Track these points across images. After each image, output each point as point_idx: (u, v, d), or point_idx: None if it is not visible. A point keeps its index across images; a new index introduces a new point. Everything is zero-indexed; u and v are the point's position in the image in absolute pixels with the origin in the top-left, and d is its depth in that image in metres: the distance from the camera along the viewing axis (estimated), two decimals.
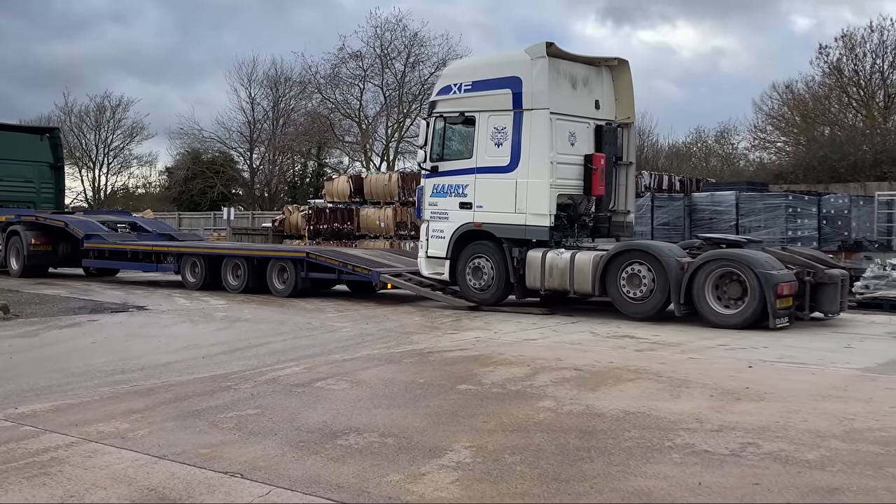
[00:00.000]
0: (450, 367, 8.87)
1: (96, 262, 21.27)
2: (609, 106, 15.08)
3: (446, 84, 15.11)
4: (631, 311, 12.93)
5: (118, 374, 8.35)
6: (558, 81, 14.10)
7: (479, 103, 14.36)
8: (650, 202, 19.92)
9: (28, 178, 24.71)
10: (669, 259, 12.60)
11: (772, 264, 12.04)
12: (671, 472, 5.11)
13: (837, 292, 12.48)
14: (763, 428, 6.13)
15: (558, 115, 13.99)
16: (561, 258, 13.60)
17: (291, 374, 8.34)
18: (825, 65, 42.54)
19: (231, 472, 5.10)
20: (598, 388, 7.60)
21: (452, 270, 14.73)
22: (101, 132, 62.69)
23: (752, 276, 11.81)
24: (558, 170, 13.99)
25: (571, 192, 14.35)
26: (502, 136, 14.10)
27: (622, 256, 13.07)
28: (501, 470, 5.17)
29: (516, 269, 13.99)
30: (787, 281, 11.89)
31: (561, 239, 14.21)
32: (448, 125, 14.80)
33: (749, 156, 49.53)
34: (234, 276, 17.48)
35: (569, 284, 13.51)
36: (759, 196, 20.45)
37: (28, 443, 5.77)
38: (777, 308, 11.68)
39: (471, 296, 14.57)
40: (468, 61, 15.72)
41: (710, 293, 12.22)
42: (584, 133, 14.57)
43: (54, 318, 13.21)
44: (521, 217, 13.95)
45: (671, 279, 12.46)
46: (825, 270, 12.53)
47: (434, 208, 14.96)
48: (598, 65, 15.11)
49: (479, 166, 14.38)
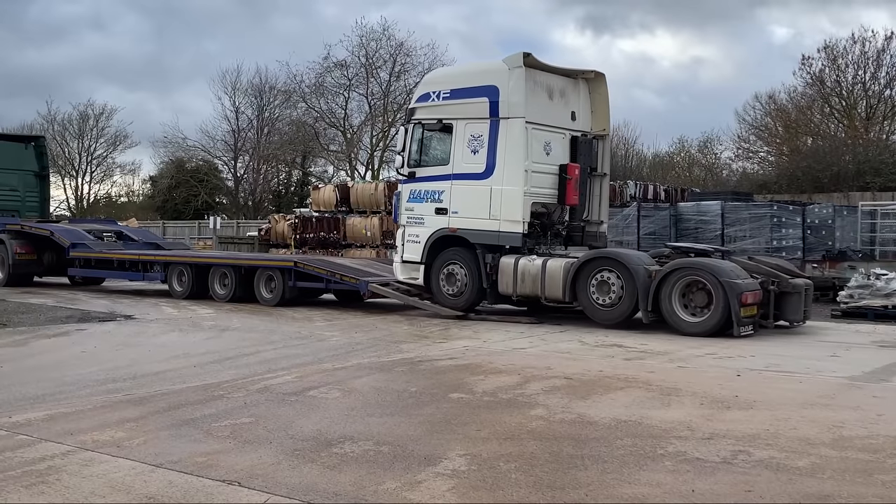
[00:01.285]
0: (441, 375, 8.91)
1: (82, 271, 21.20)
2: (585, 117, 15.32)
3: (425, 91, 15.31)
4: (600, 318, 13.14)
5: (110, 383, 8.35)
6: (535, 92, 14.31)
7: (457, 111, 14.58)
8: (636, 212, 20.05)
9: (13, 186, 24.58)
10: (638, 267, 12.80)
11: (737, 273, 12.24)
12: (665, 480, 5.17)
13: (801, 301, 12.78)
14: (753, 436, 6.20)
15: (534, 125, 14.22)
16: (533, 265, 13.79)
17: (284, 383, 8.36)
18: (808, 75, 42.99)
19: (228, 481, 5.13)
20: (589, 397, 7.66)
21: (427, 275, 14.92)
22: (84, 140, 62.47)
23: (717, 285, 12.01)
24: (533, 178, 14.23)
25: (545, 201, 14.60)
26: (478, 143, 14.30)
27: (592, 264, 13.28)
28: (497, 478, 5.22)
29: (489, 274, 14.19)
30: (752, 290, 12.11)
31: (534, 246, 14.42)
32: (426, 132, 14.98)
33: (732, 165, 49.96)
34: (222, 285, 17.48)
35: (540, 290, 13.71)
36: (744, 206, 20.64)
37: (24, 451, 5.78)
38: (741, 316, 11.88)
39: (444, 300, 14.75)
40: (447, 70, 16.02)
41: (677, 301, 12.45)
42: (560, 143, 14.81)
43: (42, 328, 13.17)
44: (496, 223, 14.14)
45: (639, 287, 12.65)
46: (789, 280, 12.80)
47: (410, 213, 15.14)
48: (576, 77, 15.35)
49: (456, 173, 14.60)
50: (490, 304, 14.56)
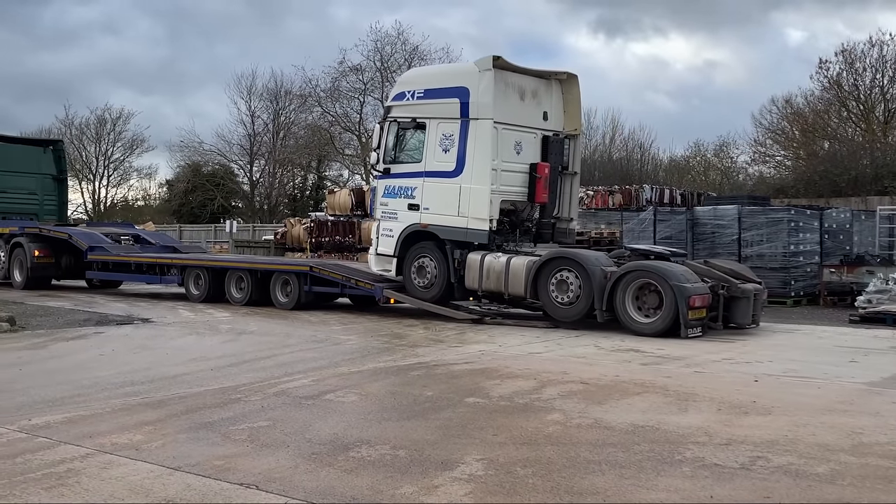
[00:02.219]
0: (457, 380, 8.91)
1: (100, 274, 21.30)
2: (557, 117, 15.75)
3: (401, 90, 15.73)
4: (559, 316, 13.63)
5: (128, 386, 8.39)
6: (506, 93, 14.73)
7: (430, 110, 15.02)
8: (652, 216, 19.97)
9: (31, 190, 24.80)
10: (594, 268, 13.22)
11: (687, 277, 12.66)
12: (683, 486, 5.15)
13: (750, 305, 13.20)
14: (772, 442, 6.17)
15: (504, 125, 14.66)
16: (498, 262, 14.26)
17: (300, 387, 8.38)
18: (825, 79, 42.75)
19: (246, 484, 5.14)
20: (606, 402, 7.64)
21: (399, 268, 15.40)
22: (101, 144, 62.87)
23: (667, 288, 12.43)
24: (502, 177, 14.73)
25: (515, 199, 15.12)
26: (450, 142, 14.73)
27: (552, 263, 13.73)
28: (514, 483, 5.21)
29: (457, 269, 14.68)
30: (701, 294, 12.53)
31: (503, 243, 14.88)
32: (401, 130, 15.43)
33: (748, 169, 49.73)
34: (238, 288, 17.54)
35: (504, 287, 14.19)
36: (761, 210, 20.52)
37: (44, 454, 5.81)
38: (689, 318, 12.30)
39: (414, 292, 15.21)
40: (423, 70, 16.41)
41: (630, 302, 12.87)
42: (531, 142, 15.26)
43: (60, 331, 13.25)
44: (464, 220, 14.59)
45: (595, 287, 13.08)
46: (738, 285, 13.18)
47: (385, 208, 15.62)
48: (549, 78, 15.75)
49: (428, 170, 15.01)
50: (457, 298, 14.93)
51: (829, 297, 19.52)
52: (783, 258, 19.65)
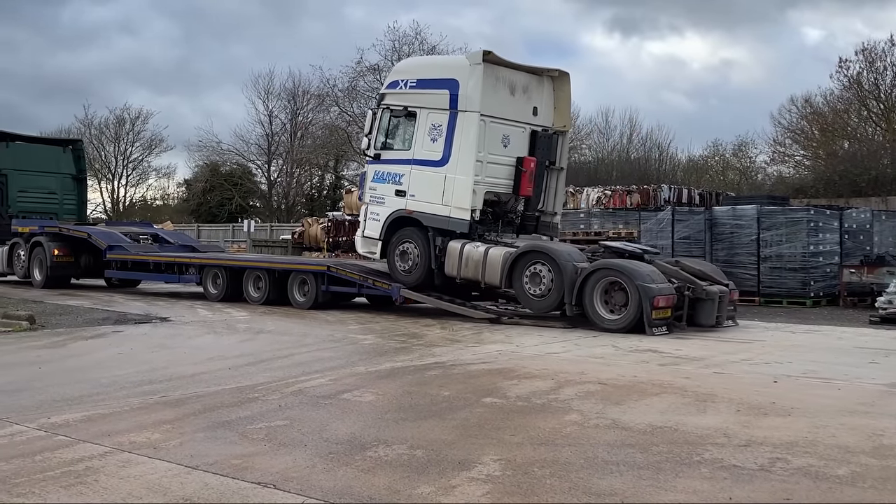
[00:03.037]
0: (474, 379, 8.89)
1: (119, 273, 21.42)
2: (547, 113, 16.14)
3: (395, 79, 16.14)
4: (531, 307, 14.16)
5: (146, 385, 8.42)
6: (496, 87, 15.12)
7: (422, 100, 15.42)
8: (671, 216, 19.88)
9: (51, 189, 24.99)
10: (567, 263, 13.67)
11: (653, 278, 13.03)
12: (701, 487, 5.12)
13: (714, 307, 13.54)
14: (791, 443, 6.12)
15: (492, 118, 15.10)
16: (476, 251, 14.71)
17: (318, 386, 8.39)
18: (845, 78, 42.45)
19: (264, 483, 5.15)
20: (624, 403, 7.61)
21: (384, 251, 15.90)
22: (120, 144, 63.26)
23: (632, 288, 12.85)
24: (488, 169, 15.22)
25: (500, 190, 15.55)
26: (438, 132, 15.12)
27: (527, 256, 14.18)
28: (532, 483, 5.19)
29: (438, 256, 15.10)
30: (665, 294, 12.92)
31: (484, 233, 15.33)
32: (393, 117, 15.83)
33: (767, 169, 49.45)
34: (256, 288, 17.60)
35: (481, 276, 14.66)
36: (780, 210, 20.38)
37: (62, 452, 5.84)
38: (652, 318, 12.70)
39: (397, 276, 15.68)
40: (417, 60, 16.86)
41: (599, 298, 13.30)
42: (520, 136, 15.70)
43: (79, 329, 13.33)
44: (447, 209, 15.02)
45: (566, 281, 13.53)
46: (704, 287, 13.55)
47: (373, 192, 16.04)
48: (541, 74, 16.14)
49: (416, 158, 15.43)
50: (437, 283, 15.38)
51: (849, 297, 19.38)
52: (802, 258, 19.52)
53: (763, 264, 19.86)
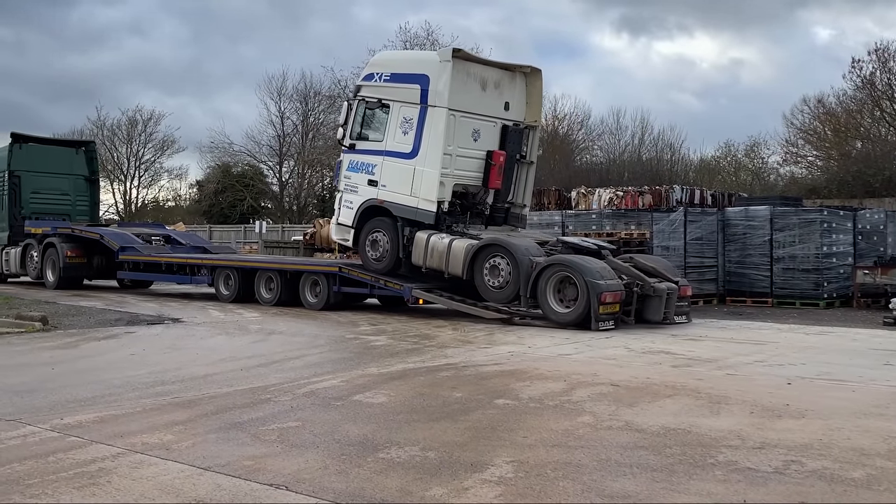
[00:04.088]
0: (486, 381, 8.87)
1: (131, 274, 21.50)
2: (519, 108, 16.60)
3: (371, 72, 16.54)
4: (490, 298, 14.65)
5: (158, 386, 8.44)
6: (467, 83, 15.57)
7: (395, 94, 15.86)
8: (683, 217, 19.80)
9: (64, 191, 25.10)
10: (523, 258, 14.24)
11: (602, 274, 13.57)
12: (715, 490, 5.09)
13: (661, 304, 14.10)
14: (806, 445, 6.09)
15: (462, 113, 15.54)
16: (441, 242, 15.26)
17: (329, 387, 8.38)
18: (858, 78, 42.20)
19: (276, 485, 5.14)
20: (637, 404, 7.57)
21: (356, 239, 16.42)
22: (132, 145, 63.35)
23: (582, 283, 13.40)
24: (457, 162, 15.67)
25: (468, 183, 16.03)
26: (409, 126, 15.62)
27: (487, 249, 14.77)
28: (544, 485, 5.17)
29: (406, 245, 15.65)
30: (613, 290, 13.49)
31: (453, 223, 15.79)
32: (368, 109, 16.29)
33: (780, 170, 49.20)
34: (267, 289, 17.63)
35: (445, 266, 15.17)
36: (793, 211, 20.27)
37: (75, 453, 5.85)
38: (599, 313, 13.25)
39: (367, 263, 16.28)
40: (392, 54, 17.34)
41: (552, 292, 13.85)
42: (490, 131, 16.16)
43: (92, 330, 13.37)
44: (415, 200, 15.53)
45: (522, 274, 14.12)
46: (652, 283, 14.11)
47: (348, 181, 16.55)
48: (514, 70, 16.62)
49: (388, 150, 15.93)
50: (404, 272, 15.88)
51: (863, 298, 19.27)
52: (816, 259, 19.41)
53: (776, 265, 19.76)
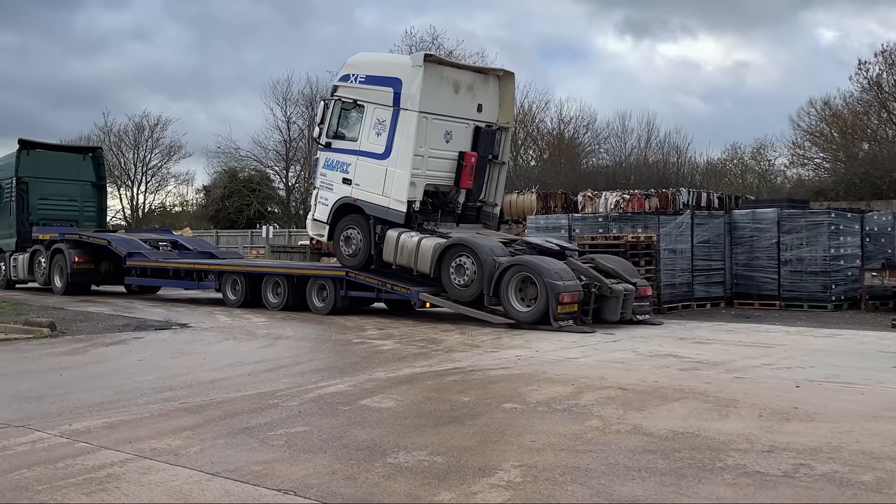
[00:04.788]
0: (493, 385, 8.86)
1: (138, 280, 21.55)
2: (492, 110, 17.02)
3: (347, 73, 16.88)
4: (455, 295, 15.09)
5: (167, 391, 8.45)
6: (439, 85, 15.97)
7: (369, 95, 16.30)
8: (690, 220, 19.75)
9: (71, 197, 25.18)
10: (487, 257, 14.69)
11: (561, 275, 14.04)
12: (724, 493, 5.07)
13: (618, 304, 14.58)
14: (815, 449, 6.07)
15: (435, 115, 15.95)
16: (411, 240, 15.68)
17: (337, 392, 8.39)
18: (864, 80, 42.14)
19: (284, 490, 5.14)
20: (645, 408, 7.56)
21: (331, 234, 16.90)
22: (139, 151, 63.53)
23: (541, 283, 13.91)
24: (429, 162, 16.11)
25: (440, 183, 16.47)
26: (382, 127, 16.03)
27: (454, 248, 15.19)
28: (553, 490, 5.16)
29: (377, 243, 16.08)
30: (571, 291, 13.98)
31: (424, 222, 16.23)
32: (343, 109, 16.69)
33: (787, 172, 49.12)
34: (275, 293, 17.66)
35: (414, 264, 15.60)
36: (800, 213, 20.20)
37: (84, 459, 5.86)
38: (557, 312, 13.75)
39: (342, 259, 16.84)
40: (368, 56, 17.56)
41: (513, 291, 14.35)
42: (463, 132, 16.56)
43: (100, 336, 13.40)
44: (386, 200, 15.97)
45: (485, 274, 14.58)
46: (609, 284, 14.64)
47: (323, 178, 16.98)
48: (487, 73, 17.21)
49: (362, 150, 16.35)
50: (376, 268, 16.31)
51: (871, 301, 19.19)
52: (823, 262, 19.35)
53: (783, 268, 19.70)
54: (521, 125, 50.31)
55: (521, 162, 49.96)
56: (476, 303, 14.88)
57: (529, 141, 51.09)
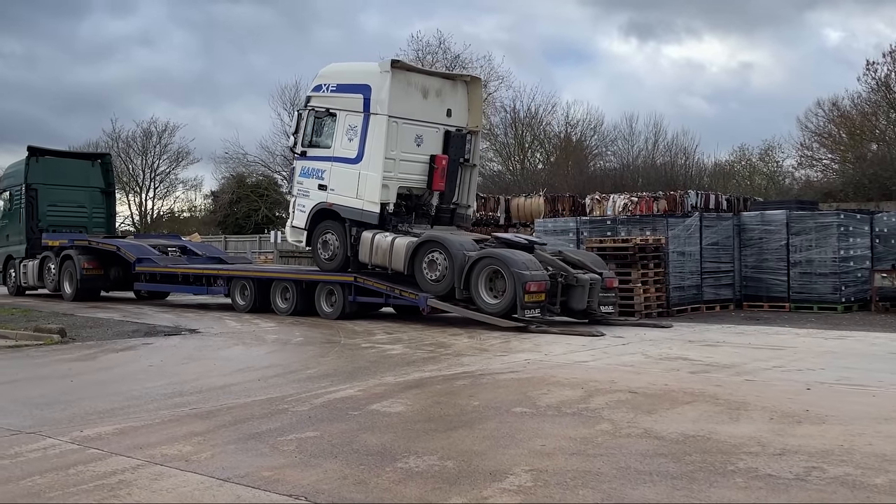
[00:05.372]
0: (503, 389, 8.86)
1: (148, 286, 21.60)
2: (461, 115, 17.69)
3: (319, 83, 17.52)
4: (428, 290, 15.47)
5: (177, 397, 8.46)
6: (408, 91, 16.64)
7: (340, 103, 16.93)
8: (698, 222, 19.72)
9: (81, 203, 25.27)
10: (458, 252, 15.17)
11: (528, 265, 14.51)
12: (736, 497, 5.05)
13: (585, 293, 14.96)
14: (827, 451, 6.04)
15: (405, 120, 16.59)
16: (385, 240, 16.23)
17: (346, 397, 8.39)
18: (872, 81, 42.01)
19: (295, 496, 5.14)
20: (655, 411, 7.54)
21: (309, 240, 17.46)
22: (147, 157, 63.69)
23: (508, 273, 14.41)
24: (401, 165, 16.70)
25: (413, 185, 17.04)
26: (354, 133, 16.65)
27: (426, 245, 15.71)
28: (564, 494, 5.15)
29: (353, 245, 16.65)
30: (538, 280, 14.41)
31: (398, 224, 16.75)
32: (317, 118, 17.32)
33: (795, 173, 48.95)
34: (283, 298, 17.68)
35: (388, 263, 16.14)
36: (809, 215, 20.15)
37: (95, 465, 5.87)
38: (525, 301, 14.16)
39: (320, 263, 17.41)
40: (339, 66, 18.05)
41: (483, 284, 14.85)
42: (433, 136, 17.17)
43: (110, 342, 13.44)
44: (360, 202, 16.54)
45: (456, 268, 15.04)
46: (574, 274, 15.04)
47: (300, 186, 17.61)
48: (455, 79, 18.09)
49: (335, 156, 16.95)
50: (353, 270, 16.86)
51: (881, 302, 19.13)
52: (833, 263, 19.29)
53: (793, 270, 19.65)
54: (528, 128, 50.39)
55: (529, 165, 49.99)
56: (449, 297, 15.27)
57: (537, 144, 51.09)
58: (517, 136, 50.43)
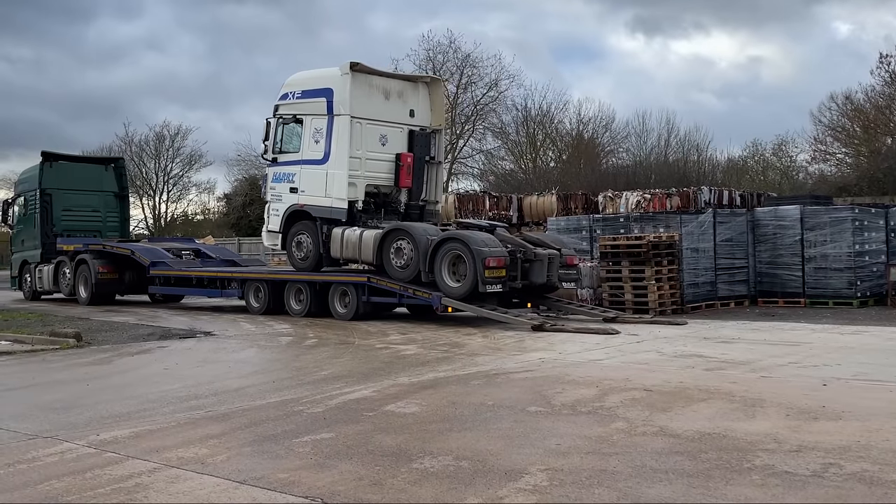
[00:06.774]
0: (517, 388, 8.85)
1: (162, 289, 21.68)
2: (424, 114, 18.47)
3: (285, 92, 18.18)
4: (396, 277, 16.09)
5: (192, 400, 8.49)
6: (369, 93, 17.44)
7: (306, 108, 17.64)
8: (712, 218, 19.65)
9: (94, 207, 25.43)
10: (421, 237, 15.77)
11: (487, 243, 15.23)
12: (753, 494, 5.03)
13: (544, 268, 15.72)
14: (844, 448, 6.01)
15: (368, 120, 17.35)
16: (354, 234, 16.89)
17: (361, 398, 8.39)
18: (886, 74, 41.74)
19: (311, 497, 5.15)
20: (671, 409, 7.52)
21: (283, 242, 18.07)
22: (160, 161, 63.91)
23: (467, 252, 14.97)
24: (368, 164, 17.44)
25: (380, 183, 17.79)
26: (320, 135, 17.35)
27: (392, 234, 16.30)
28: (580, 493, 5.14)
29: (325, 242, 17.24)
30: (496, 256, 15.05)
31: (368, 220, 17.35)
32: (285, 125, 17.98)
33: (809, 168, 48.67)
34: (297, 300, 17.72)
35: (358, 255, 16.79)
36: (823, 210, 20.04)
37: (112, 469, 5.89)
38: (486, 276, 14.77)
39: (295, 263, 17.97)
40: (303, 74, 18.63)
41: (446, 268, 15.39)
42: (398, 136, 17.95)
43: (125, 345, 13.49)
44: (329, 201, 17.22)
45: (421, 253, 15.60)
46: (533, 250, 15.78)
47: (273, 191, 18.24)
48: (415, 81, 18.87)
49: (304, 159, 17.64)
50: (325, 265, 17.52)
51: None
52: (848, 258, 19.19)
53: (807, 265, 19.56)
54: (540, 126, 50.29)
55: (541, 163, 49.88)
56: (416, 282, 15.78)
57: (549, 142, 50.99)
58: (529, 134, 50.34)
